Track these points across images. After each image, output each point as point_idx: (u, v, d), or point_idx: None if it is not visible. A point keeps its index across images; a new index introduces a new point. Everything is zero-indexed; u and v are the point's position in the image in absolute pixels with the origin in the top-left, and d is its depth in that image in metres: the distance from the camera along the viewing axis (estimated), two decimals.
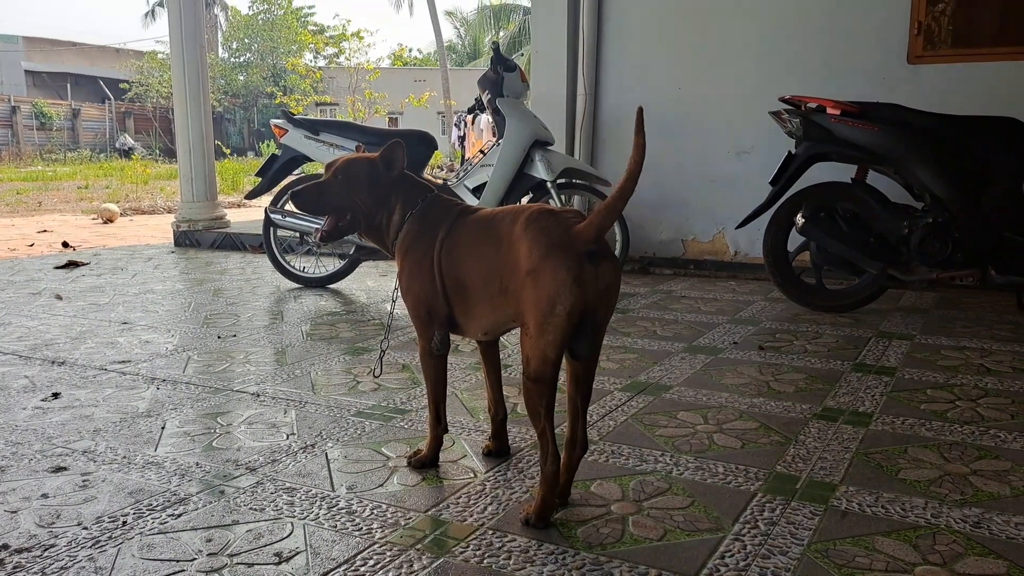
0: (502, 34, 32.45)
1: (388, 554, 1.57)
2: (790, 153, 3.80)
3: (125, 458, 2.08)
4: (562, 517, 1.72)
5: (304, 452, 2.11)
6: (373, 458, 2.07)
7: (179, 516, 1.74)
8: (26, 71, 32.56)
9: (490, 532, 1.66)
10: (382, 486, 1.89)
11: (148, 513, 1.75)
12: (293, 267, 4.77)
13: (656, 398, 2.55)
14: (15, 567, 1.54)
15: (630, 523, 1.70)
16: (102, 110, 31.12)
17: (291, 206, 4.57)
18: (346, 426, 2.31)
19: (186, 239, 6.74)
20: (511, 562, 1.54)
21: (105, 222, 9.17)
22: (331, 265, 4.74)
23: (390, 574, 1.50)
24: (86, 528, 1.69)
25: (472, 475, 1.96)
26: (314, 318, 3.84)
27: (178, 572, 1.52)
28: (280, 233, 4.71)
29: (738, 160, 5.02)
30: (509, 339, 3.20)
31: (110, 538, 1.64)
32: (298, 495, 1.84)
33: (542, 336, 1.59)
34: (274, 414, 2.42)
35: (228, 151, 21.90)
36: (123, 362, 3.03)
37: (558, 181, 4.52)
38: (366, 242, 2.02)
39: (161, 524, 1.70)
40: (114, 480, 1.93)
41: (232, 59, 34.50)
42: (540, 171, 4.47)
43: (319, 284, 4.70)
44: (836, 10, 4.70)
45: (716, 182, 5.09)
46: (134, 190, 13.38)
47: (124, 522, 1.71)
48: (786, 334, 3.46)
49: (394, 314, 3.90)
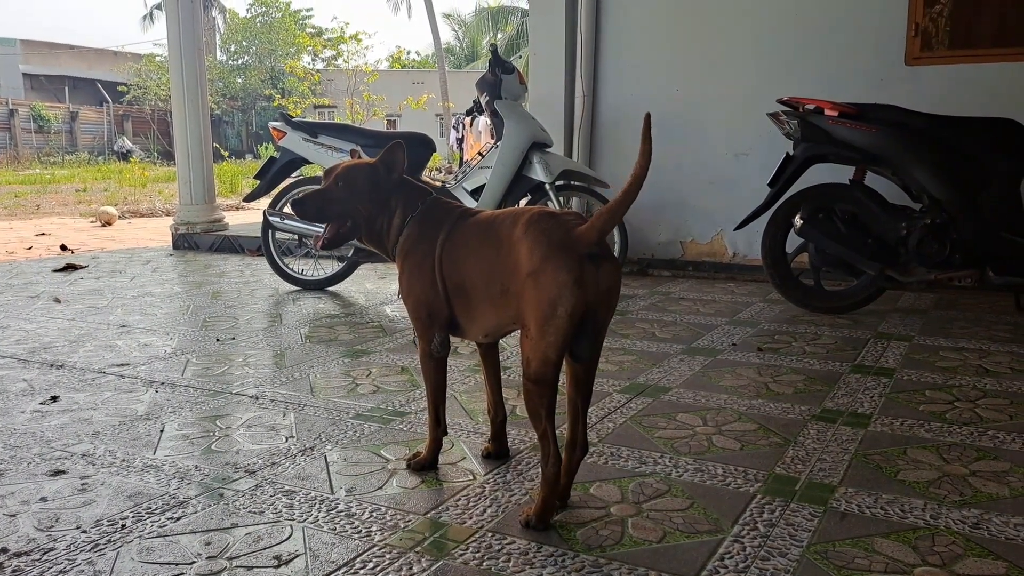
0: (500, 36, 32.49)
1: (387, 557, 1.57)
2: (788, 155, 3.80)
3: (124, 461, 2.07)
4: (561, 519, 1.72)
5: (303, 455, 2.11)
6: (372, 460, 2.07)
7: (178, 519, 1.74)
8: (24, 74, 32.57)
9: (489, 534, 1.66)
10: (381, 488, 1.89)
11: (147, 516, 1.75)
12: (292, 270, 4.77)
13: (655, 400, 2.55)
14: (14, 571, 1.54)
15: (629, 525, 1.70)
16: (100, 113, 31.13)
17: (290, 208, 4.57)
18: (345, 428, 2.31)
19: (184, 242, 6.74)
20: (511, 564, 1.54)
21: (103, 225, 9.17)
22: (329, 268, 4.74)
23: None
24: (85, 531, 1.69)
25: (471, 477, 1.96)
26: (313, 321, 3.84)
27: (177, 575, 1.52)
28: (279, 236, 4.72)
29: (736, 162, 5.03)
30: (508, 341, 3.20)
31: (109, 541, 1.64)
32: (297, 498, 1.84)
33: (543, 338, 1.59)
34: (273, 417, 2.42)
35: (226, 154, 21.90)
36: (122, 365, 3.03)
37: (556, 183, 4.52)
38: (367, 246, 2.02)
39: (160, 527, 1.70)
40: (113, 483, 1.93)
41: (230, 62, 34.52)
42: (538, 173, 4.48)
43: (318, 287, 4.70)
44: (834, 12, 4.71)
45: (714, 184, 5.10)
46: (132, 193, 13.38)
47: (123, 525, 1.71)
48: (785, 335, 3.46)
49: (397, 316, 3.90)
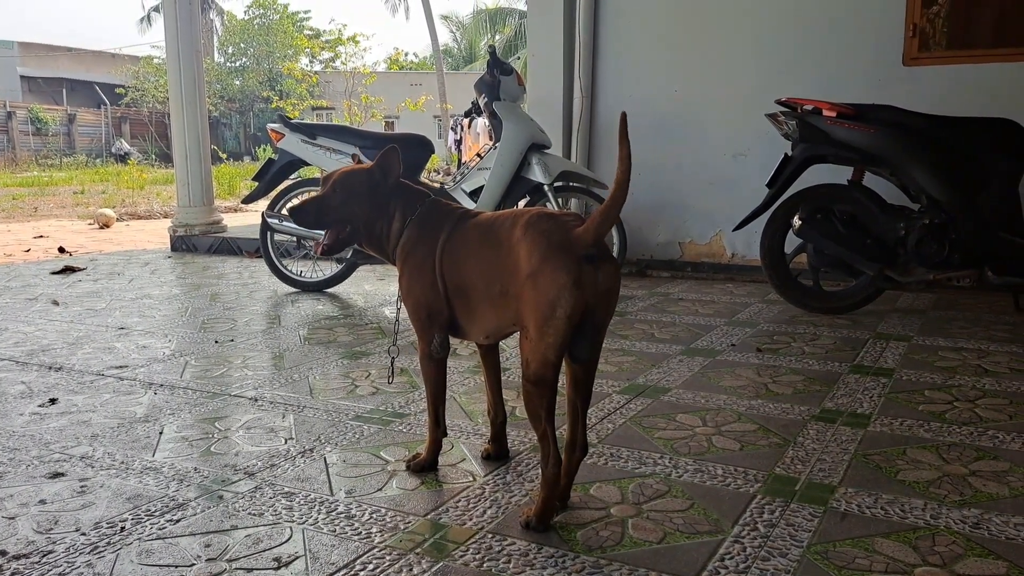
0: (498, 38, 32.48)
1: (387, 558, 1.57)
2: (787, 155, 3.80)
3: (123, 463, 2.07)
4: (562, 520, 1.72)
5: (303, 456, 2.10)
6: (372, 462, 2.06)
7: (178, 521, 1.74)
8: (21, 76, 32.55)
9: (490, 535, 1.66)
10: (381, 490, 1.89)
11: (147, 519, 1.75)
12: (290, 271, 4.76)
13: (654, 400, 2.55)
14: (13, 573, 1.53)
15: (630, 526, 1.70)
16: (98, 115, 31.09)
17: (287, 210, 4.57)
18: (344, 430, 2.30)
19: (183, 244, 6.73)
20: (511, 565, 1.54)
21: (101, 227, 9.16)
22: (328, 269, 4.73)
23: None
24: (84, 534, 1.68)
25: (471, 479, 1.96)
26: (311, 322, 3.83)
27: None
28: (277, 238, 4.71)
29: (735, 162, 5.03)
30: (508, 342, 3.20)
31: (108, 544, 1.64)
32: (297, 500, 1.84)
33: (542, 339, 1.59)
34: (272, 419, 2.42)
35: (224, 155, 21.91)
36: (120, 367, 3.03)
37: (555, 184, 4.52)
38: (367, 250, 2.03)
39: (160, 530, 1.70)
40: (112, 486, 1.93)
41: (228, 64, 34.51)
42: (537, 174, 4.48)
43: (316, 288, 4.70)
44: (832, 12, 4.71)
45: (713, 184, 5.10)
46: (130, 195, 13.36)
47: (122, 528, 1.71)
48: (784, 336, 3.46)
49: (395, 319, 3.90)
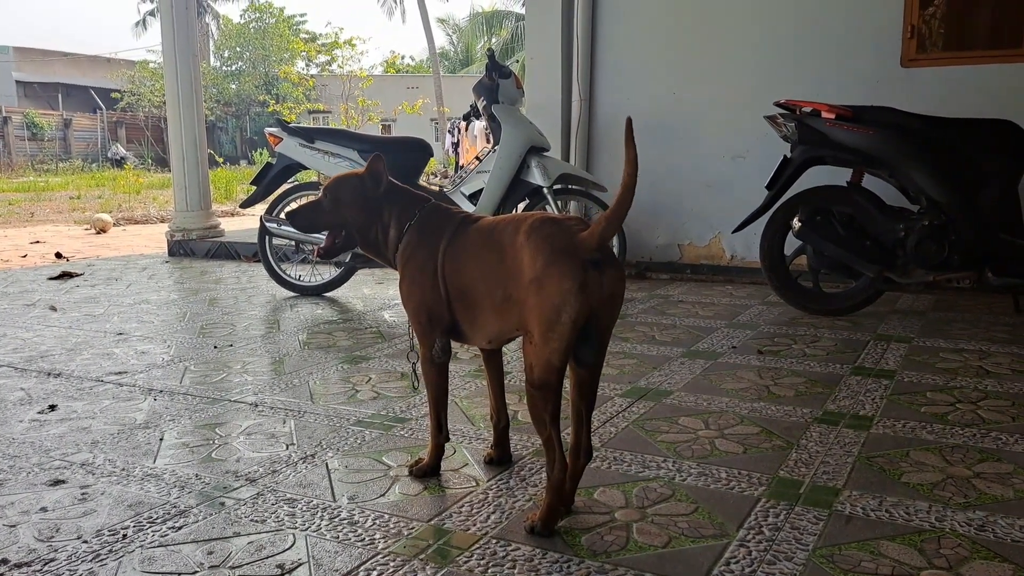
0: (494, 41, 32.53)
1: (391, 565, 1.56)
2: (785, 157, 3.80)
3: (124, 470, 2.06)
4: (566, 525, 1.71)
5: (304, 462, 2.10)
6: (374, 467, 2.06)
7: (179, 528, 1.73)
8: (17, 81, 32.51)
9: (494, 541, 1.65)
10: (384, 496, 1.88)
11: (148, 526, 1.74)
12: (289, 275, 4.75)
13: (657, 404, 2.55)
14: None
15: (634, 530, 1.69)
16: (94, 120, 31.05)
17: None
18: (346, 435, 2.29)
19: (180, 248, 6.72)
20: (515, 571, 1.53)
21: (98, 232, 9.14)
22: (327, 273, 4.72)
23: None
24: (86, 542, 1.67)
25: (474, 483, 1.95)
26: (311, 327, 3.82)
27: None
28: (276, 242, 4.70)
29: (733, 164, 5.03)
30: (509, 346, 3.19)
31: (111, 551, 1.63)
32: (299, 506, 1.83)
33: (547, 344, 1.58)
34: (273, 424, 2.41)
35: (221, 160, 21.90)
36: (120, 373, 3.01)
37: (555, 187, 4.52)
38: (368, 255, 2.04)
39: (162, 537, 1.69)
40: (113, 493, 1.92)
41: (224, 68, 34.48)
42: (536, 177, 4.47)
43: (315, 292, 4.69)
44: (830, 14, 4.72)
45: (712, 186, 5.10)
46: (127, 200, 13.34)
47: (124, 535, 1.70)
48: (784, 338, 3.46)
49: (396, 322, 3.89)
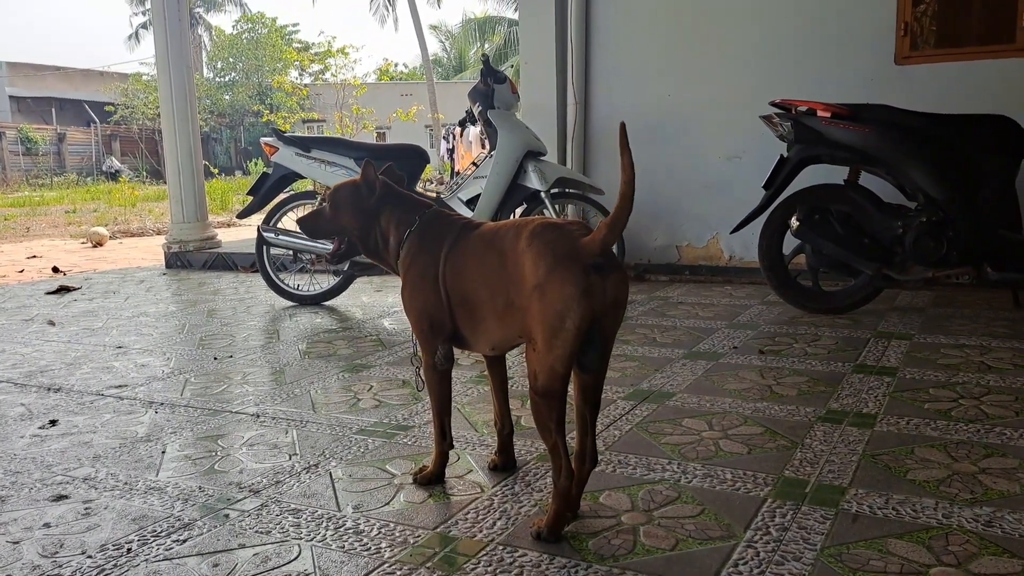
0: (487, 47, 32.59)
1: (398, 573, 1.55)
2: (782, 156, 3.81)
3: (127, 484, 2.05)
4: (573, 530, 1.70)
5: (308, 472, 2.09)
6: (378, 476, 2.05)
7: (184, 541, 1.72)
8: (10, 96, 32.47)
9: (500, 547, 1.64)
10: (389, 504, 1.87)
11: (153, 539, 1.73)
12: (287, 285, 4.74)
13: (660, 406, 2.54)
14: None
15: (641, 533, 1.68)
16: (88, 133, 31.03)
17: (283, 224, 4.56)
18: (349, 444, 2.29)
19: (177, 260, 6.70)
20: None
21: (95, 246, 9.12)
22: (325, 282, 4.72)
23: None
24: (91, 557, 1.66)
25: (479, 490, 1.94)
26: (310, 336, 3.81)
27: None
28: (273, 251, 4.69)
29: (730, 165, 5.04)
30: (512, 352, 3.18)
31: (116, 566, 1.62)
32: (304, 516, 1.82)
33: (550, 351, 1.57)
34: (275, 435, 2.40)
35: (216, 171, 21.86)
36: (120, 387, 3.00)
37: (552, 191, 4.52)
38: (371, 261, 2.05)
39: (167, 550, 1.68)
40: (116, 507, 1.91)
41: (217, 79, 34.49)
42: (533, 181, 4.48)
43: (314, 301, 4.68)
44: (824, 13, 4.73)
45: (709, 187, 5.10)
46: (122, 213, 13.31)
47: (129, 549, 1.69)
48: (785, 337, 3.46)
49: (396, 329, 3.88)
